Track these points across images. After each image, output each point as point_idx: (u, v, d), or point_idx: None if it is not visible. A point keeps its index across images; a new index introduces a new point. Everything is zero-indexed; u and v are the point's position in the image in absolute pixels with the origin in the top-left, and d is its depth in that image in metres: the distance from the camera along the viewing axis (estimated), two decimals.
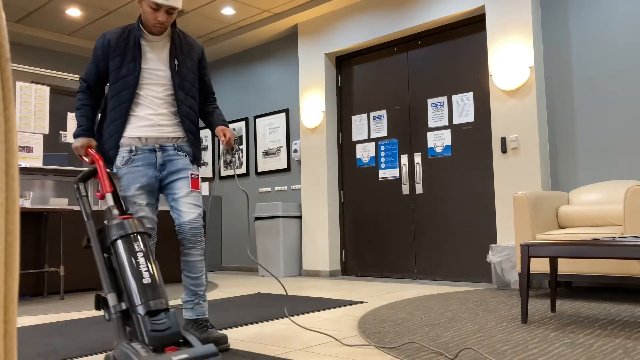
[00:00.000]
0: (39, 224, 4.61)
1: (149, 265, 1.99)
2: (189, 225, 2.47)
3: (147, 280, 1.94)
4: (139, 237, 2.05)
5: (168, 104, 2.53)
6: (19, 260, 0.61)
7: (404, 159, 5.51)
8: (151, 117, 2.50)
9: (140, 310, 1.87)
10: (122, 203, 2.47)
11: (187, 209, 2.47)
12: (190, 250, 2.49)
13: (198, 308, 2.53)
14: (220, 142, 2.62)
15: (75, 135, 2.54)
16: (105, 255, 2.06)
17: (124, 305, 1.94)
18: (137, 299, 1.90)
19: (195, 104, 2.63)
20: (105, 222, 2.12)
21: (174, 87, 2.53)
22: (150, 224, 2.48)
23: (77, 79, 5.54)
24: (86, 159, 2.50)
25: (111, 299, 1.96)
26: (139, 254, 2.00)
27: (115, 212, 2.19)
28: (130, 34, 2.51)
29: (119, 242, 2.01)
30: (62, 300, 4.32)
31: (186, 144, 2.57)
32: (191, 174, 2.52)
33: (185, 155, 2.55)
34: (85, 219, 2.18)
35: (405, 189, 5.47)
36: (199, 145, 2.64)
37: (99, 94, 2.67)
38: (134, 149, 2.48)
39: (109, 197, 2.26)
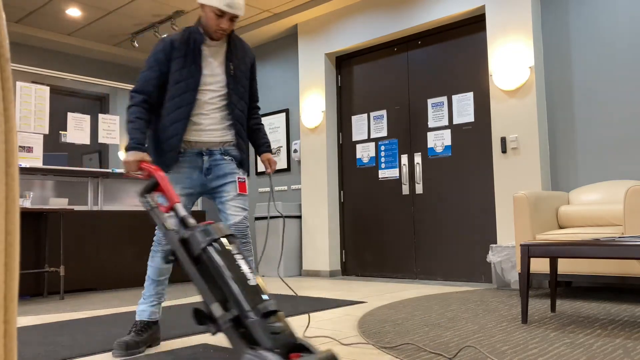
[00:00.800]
0: (39, 224, 4.61)
1: (249, 267, 1.88)
2: (235, 227, 2.52)
3: (252, 282, 1.82)
4: (230, 240, 1.94)
5: (220, 108, 2.54)
6: (19, 260, 0.61)
7: (404, 159, 5.51)
8: (203, 120, 2.51)
9: (254, 314, 1.73)
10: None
11: (233, 212, 2.51)
12: None
13: None
14: (265, 169, 2.69)
15: (129, 148, 2.39)
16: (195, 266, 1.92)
17: (235, 312, 1.77)
18: (246, 304, 1.76)
19: (246, 108, 2.66)
20: (183, 233, 1.98)
21: (229, 90, 2.55)
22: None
23: (77, 79, 5.54)
24: (138, 174, 2.38)
25: (216, 309, 1.80)
26: (237, 257, 1.88)
27: (192, 220, 2.06)
28: (191, 37, 2.50)
29: (211, 249, 1.87)
30: (62, 300, 4.32)
31: (233, 148, 2.60)
32: (238, 178, 2.56)
33: (232, 160, 2.58)
34: (164, 230, 2.02)
35: (405, 189, 5.47)
36: (247, 149, 2.66)
37: (154, 108, 2.54)
38: (182, 151, 2.51)
39: (179, 208, 2.12)
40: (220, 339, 2.63)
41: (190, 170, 2.52)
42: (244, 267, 1.85)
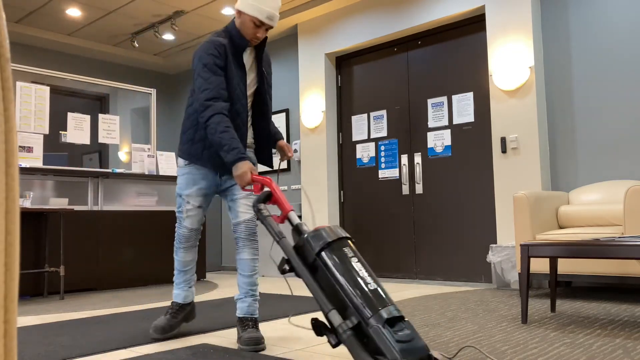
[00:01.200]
0: (39, 224, 4.61)
1: (368, 270, 1.76)
2: (244, 225, 2.56)
3: (372, 286, 1.69)
4: (347, 243, 1.82)
5: (247, 111, 2.61)
6: (19, 260, 0.61)
7: (404, 159, 5.51)
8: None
9: (376, 321, 1.59)
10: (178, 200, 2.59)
11: (244, 209, 2.56)
12: (243, 249, 2.57)
13: (245, 307, 2.57)
14: (283, 155, 2.73)
15: (235, 160, 2.29)
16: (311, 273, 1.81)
17: (355, 320, 1.63)
18: (367, 310, 1.62)
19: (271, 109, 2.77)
20: (297, 240, 1.92)
21: (263, 93, 2.65)
22: (197, 225, 2.65)
23: (77, 79, 5.54)
24: (250, 188, 2.35)
25: (334, 317, 1.66)
26: (353, 260, 1.75)
27: (305, 227, 1.99)
28: (233, 42, 2.51)
29: (326, 253, 1.77)
30: (62, 300, 4.32)
31: (250, 150, 2.68)
32: None
33: None
34: (277, 239, 1.94)
35: (405, 189, 5.47)
36: (271, 147, 2.73)
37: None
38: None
39: (293, 216, 2.06)
40: (219, 339, 2.63)
41: (207, 171, 2.59)
42: (362, 270, 1.73)
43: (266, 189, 2.19)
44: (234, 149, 2.29)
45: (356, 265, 1.74)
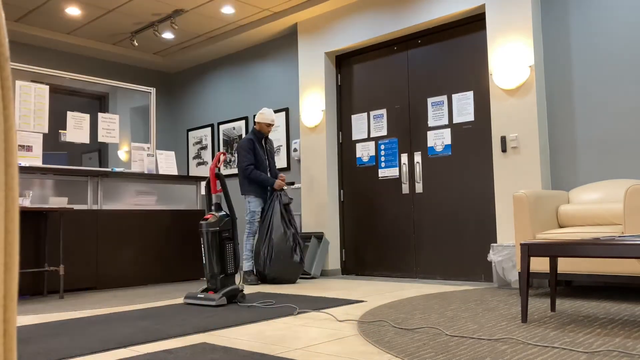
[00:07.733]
0: (39, 223, 4.60)
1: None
2: None
3: None
4: None
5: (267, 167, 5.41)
6: (18, 259, 0.61)
7: (404, 158, 5.51)
8: None
9: None
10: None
11: None
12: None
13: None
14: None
15: (273, 181, 5.35)
16: None
17: None
18: None
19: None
20: None
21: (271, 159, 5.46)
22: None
23: (77, 78, 5.53)
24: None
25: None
26: None
27: None
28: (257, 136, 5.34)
29: None
30: (61, 299, 4.31)
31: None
32: None
33: None
34: None
35: (405, 188, 5.47)
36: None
37: None
38: None
39: None
40: (219, 339, 2.63)
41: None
42: None
43: None
44: (268, 178, 5.15)
45: None
